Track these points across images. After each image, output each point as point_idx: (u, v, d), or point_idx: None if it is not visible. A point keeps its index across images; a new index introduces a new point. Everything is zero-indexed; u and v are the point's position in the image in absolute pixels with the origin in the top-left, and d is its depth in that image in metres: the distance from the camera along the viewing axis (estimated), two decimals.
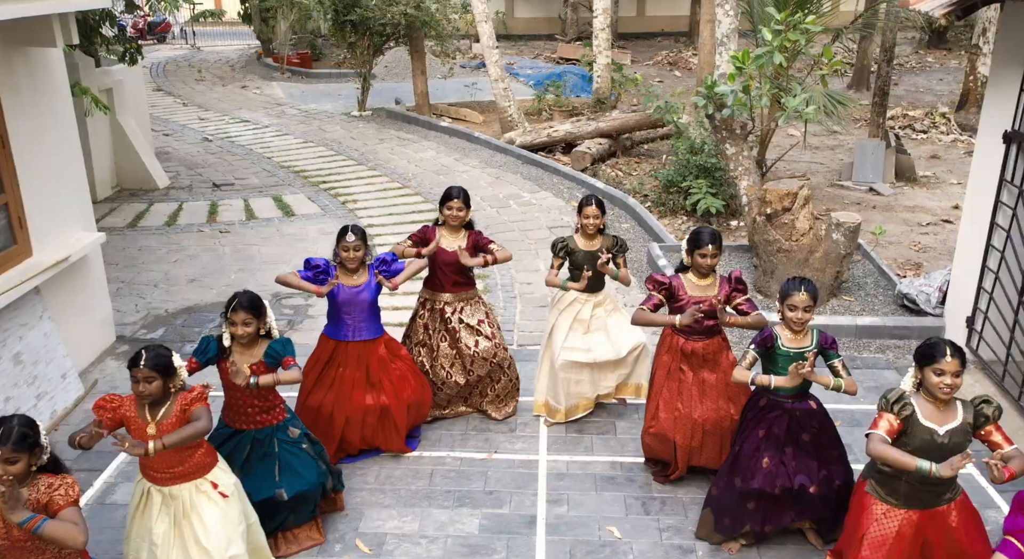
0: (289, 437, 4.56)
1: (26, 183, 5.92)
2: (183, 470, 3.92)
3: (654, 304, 5.01)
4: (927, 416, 3.69)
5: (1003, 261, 6.20)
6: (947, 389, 3.61)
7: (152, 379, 3.70)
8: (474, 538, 4.82)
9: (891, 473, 3.81)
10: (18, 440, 3.19)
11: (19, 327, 5.77)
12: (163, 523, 3.93)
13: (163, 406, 3.84)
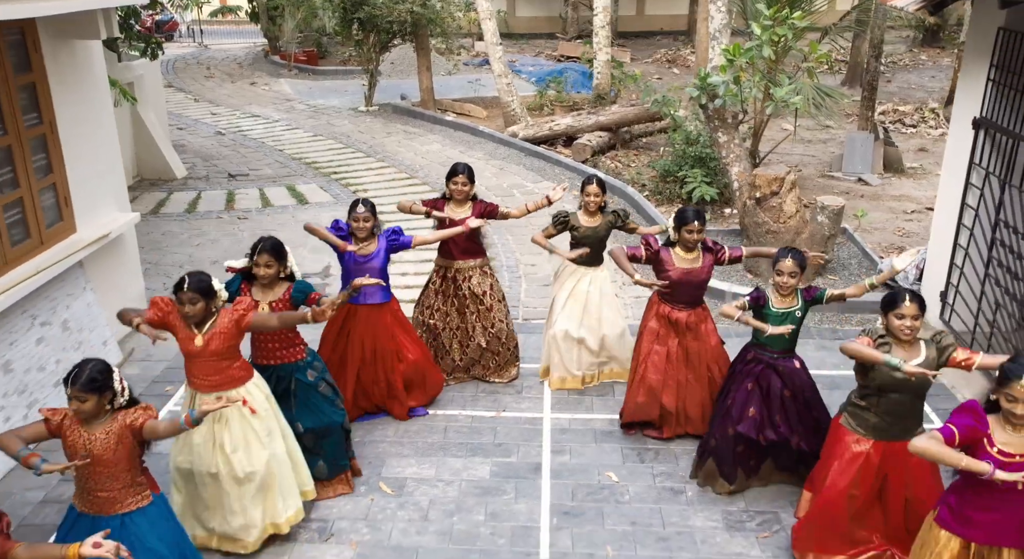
0: (307, 379, 5.04)
1: (71, 165, 6.42)
2: (220, 380, 4.42)
3: (632, 254, 5.44)
4: (894, 355, 4.19)
5: (972, 238, 6.70)
6: (908, 330, 4.10)
7: (196, 300, 4.21)
8: (486, 481, 5.33)
9: (864, 406, 4.32)
10: (86, 382, 3.64)
11: (66, 297, 6.28)
12: (200, 431, 4.42)
13: (207, 323, 4.34)
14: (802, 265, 4.87)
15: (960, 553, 3.62)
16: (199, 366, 4.39)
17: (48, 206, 6.22)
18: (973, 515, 3.56)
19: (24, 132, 5.87)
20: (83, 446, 3.66)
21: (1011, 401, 3.37)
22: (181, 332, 4.37)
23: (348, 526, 4.92)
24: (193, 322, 4.35)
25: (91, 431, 3.67)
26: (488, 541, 4.80)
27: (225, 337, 4.35)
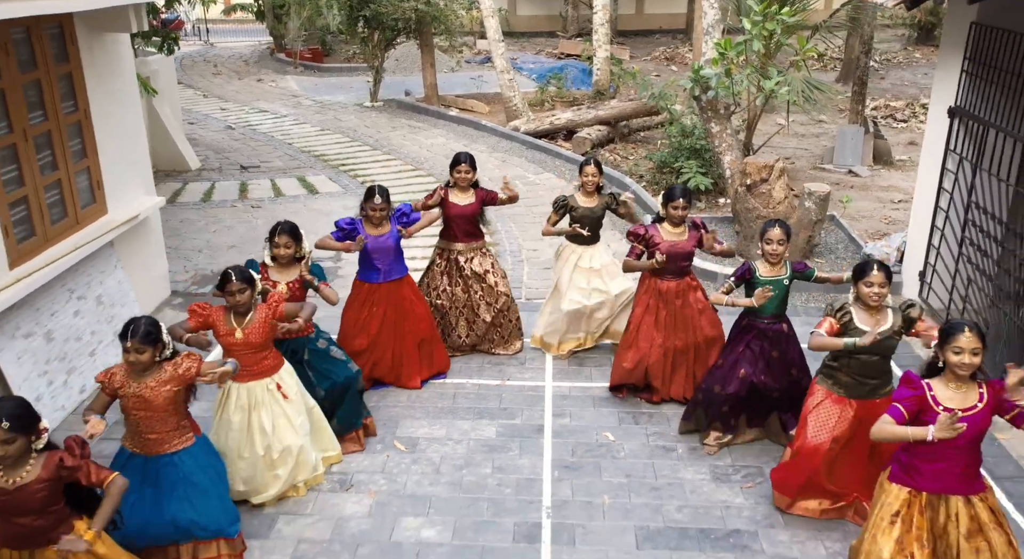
0: (318, 347, 5.49)
1: (102, 151, 6.86)
2: (257, 369, 4.86)
3: (636, 253, 5.95)
4: (862, 320, 4.62)
5: (947, 220, 7.13)
6: (875, 297, 4.54)
7: (244, 289, 4.64)
8: (492, 441, 5.77)
9: (836, 367, 4.75)
10: (144, 335, 4.08)
11: (99, 274, 6.72)
12: (239, 414, 4.86)
13: (247, 316, 4.77)
14: (788, 234, 5.31)
15: (910, 502, 4.01)
16: (238, 358, 4.78)
17: (83, 188, 6.66)
18: (921, 466, 3.93)
19: (63, 118, 6.31)
20: (134, 397, 4.09)
21: (958, 353, 3.75)
22: (222, 328, 4.77)
23: (367, 478, 5.36)
24: (240, 312, 4.74)
25: (142, 381, 4.10)
26: (495, 491, 5.24)
27: (262, 331, 4.78)
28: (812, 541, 4.80)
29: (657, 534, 4.86)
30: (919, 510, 3.94)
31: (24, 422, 3.45)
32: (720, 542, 4.80)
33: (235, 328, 4.75)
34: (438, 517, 4.99)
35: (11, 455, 3.43)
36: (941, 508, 3.94)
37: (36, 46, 5.97)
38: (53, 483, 3.53)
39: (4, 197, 5.65)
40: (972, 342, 3.73)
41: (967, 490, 3.91)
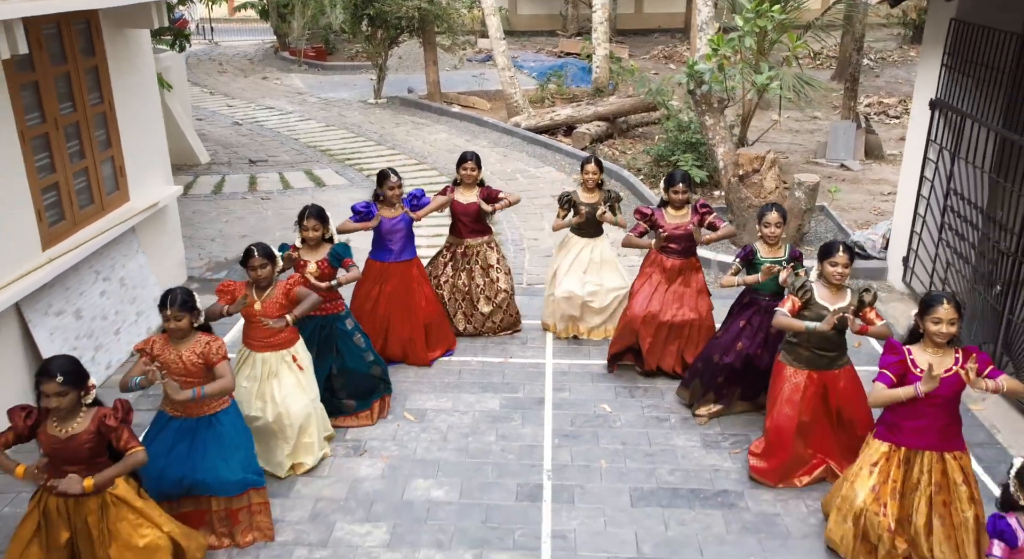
0: (347, 327, 5.85)
1: (125, 141, 7.22)
2: (274, 341, 5.20)
3: (640, 232, 6.34)
4: (822, 297, 4.97)
5: (928, 208, 7.49)
6: (838, 276, 4.89)
7: (265, 265, 5.00)
8: (496, 412, 6.13)
9: (796, 343, 5.10)
10: (181, 303, 4.43)
11: (122, 257, 7.07)
12: (248, 383, 5.19)
13: (267, 290, 5.13)
14: (784, 216, 5.67)
15: (889, 455, 4.38)
16: (256, 329, 5.13)
17: (107, 177, 7.01)
18: (903, 423, 4.30)
19: (89, 109, 6.66)
20: (176, 362, 4.45)
21: (936, 323, 4.11)
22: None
23: (379, 445, 5.72)
24: (262, 286, 5.10)
25: (179, 350, 4.45)
26: (499, 456, 5.60)
27: (278, 305, 5.13)
28: (794, 500, 5.16)
29: (650, 494, 5.21)
30: (896, 464, 4.31)
31: (75, 377, 3.81)
32: (709, 501, 5.16)
33: (255, 299, 5.10)
34: (446, 479, 5.35)
35: (63, 407, 3.78)
36: (916, 463, 4.31)
37: (66, 41, 6.33)
38: (98, 436, 3.89)
39: (37, 182, 6.00)
40: (950, 313, 4.10)
41: (944, 447, 4.27)
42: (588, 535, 4.85)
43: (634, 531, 4.88)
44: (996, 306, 6.22)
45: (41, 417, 3.89)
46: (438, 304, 6.83)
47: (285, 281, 5.19)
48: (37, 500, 3.99)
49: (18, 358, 5.80)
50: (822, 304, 4.93)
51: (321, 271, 5.65)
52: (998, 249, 6.28)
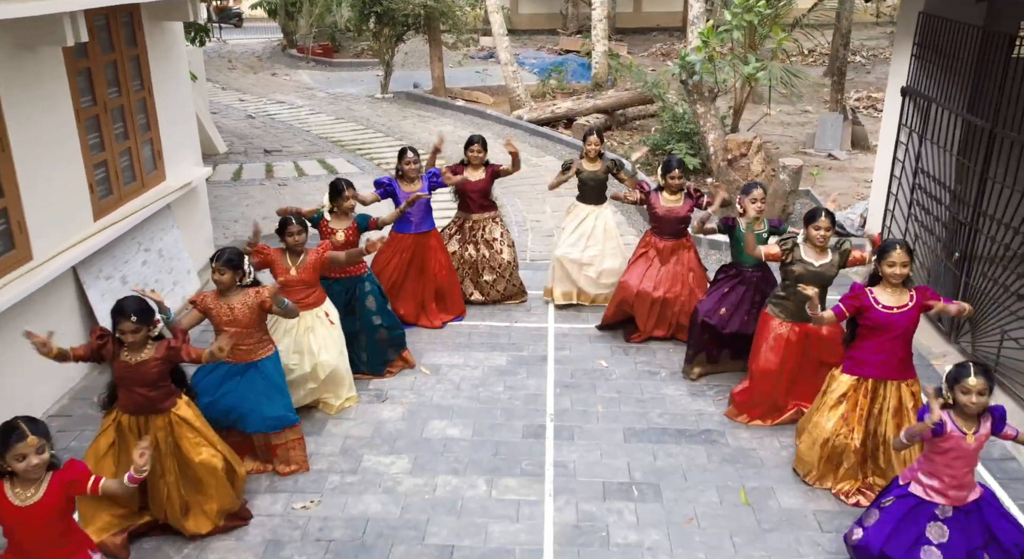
0: (365, 288, 6.50)
1: (162, 125, 7.86)
2: (308, 301, 5.85)
3: (631, 200, 7.00)
4: (807, 255, 5.62)
5: (900, 187, 8.13)
6: (820, 239, 5.53)
7: (301, 232, 5.66)
8: (503, 367, 6.78)
9: (784, 296, 5.74)
10: (225, 261, 5.05)
11: (160, 231, 7.72)
12: (287, 338, 5.85)
13: (300, 257, 5.77)
14: (765, 192, 6.31)
15: (856, 387, 5.04)
16: (291, 292, 5.74)
17: (147, 157, 7.66)
18: (866, 357, 4.97)
19: (132, 95, 7.31)
20: (227, 313, 5.08)
21: (891, 266, 4.78)
22: (278, 266, 5.78)
23: (398, 394, 6.37)
24: (296, 252, 5.75)
25: (230, 303, 5.08)
26: (507, 403, 6.25)
27: (311, 270, 5.78)
28: (768, 438, 5.81)
29: (641, 433, 5.86)
30: (864, 393, 4.98)
31: (145, 316, 4.44)
32: (693, 438, 5.81)
33: (290, 266, 5.75)
34: (460, 420, 6.01)
35: (136, 342, 4.42)
36: (880, 393, 4.96)
37: (113, 31, 6.97)
38: (164, 362, 4.51)
39: (90, 159, 6.65)
40: (902, 256, 4.77)
41: (901, 376, 4.95)
42: (586, 465, 5.50)
43: (627, 461, 5.53)
44: (955, 271, 6.86)
45: (114, 347, 4.50)
46: (453, 273, 7.48)
47: (315, 248, 5.84)
48: (113, 419, 4.62)
49: (75, 314, 6.46)
50: (807, 260, 5.57)
51: (347, 238, 6.30)
52: (957, 220, 6.93)
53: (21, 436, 3.34)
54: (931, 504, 4.10)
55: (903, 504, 4.14)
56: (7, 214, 5.70)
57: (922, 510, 4.08)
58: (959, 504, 4.03)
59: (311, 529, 4.87)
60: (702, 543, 4.77)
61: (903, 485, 4.22)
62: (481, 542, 4.77)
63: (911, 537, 4.08)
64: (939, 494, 4.07)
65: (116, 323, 4.39)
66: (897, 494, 4.20)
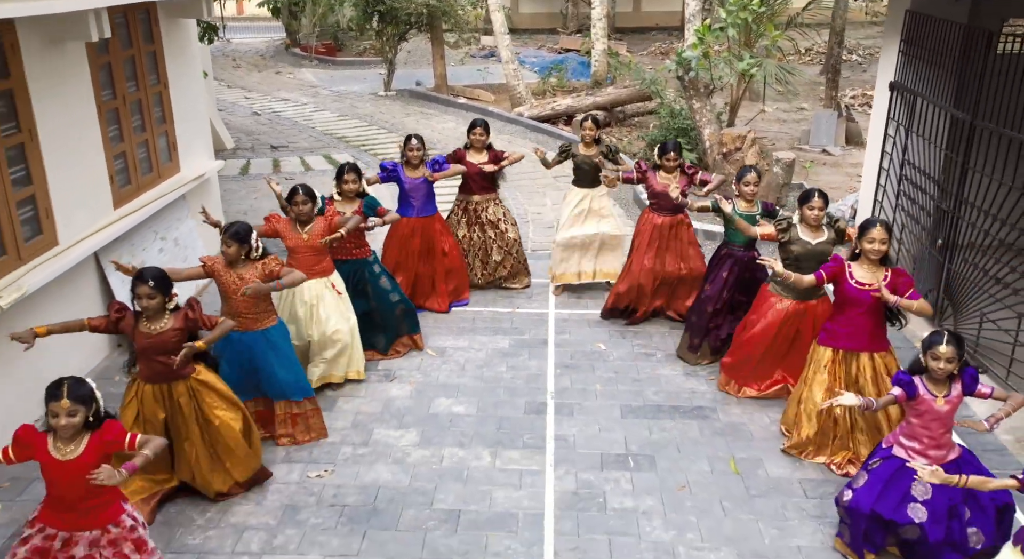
0: (374, 270, 6.80)
1: (177, 119, 8.16)
2: (318, 269, 6.16)
3: (627, 177, 7.33)
4: (804, 233, 5.90)
5: (888, 178, 8.44)
6: (814, 218, 5.83)
7: (307, 202, 5.96)
8: (506, 349, 7.09)
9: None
10: (232, 234, 5.26)
11: (175, 221, 8.02)
12: (303, 308, 6.15)
13: (308, 225, 6.08)
14: (760, 176, 6.62)
15: (833, 358, 5.36)
16: (301, 260, 6.07)
17: (163, 149, 7.96)
18: (837, 329, 5.31)
19: (149, 89, 7.62)
20: (234, 283, 5.38)
21: (870, 243, 5.10)
22: (289, 234, 6.10)
23: (406, 373, 6.67)
24: (303, 221, 6.06)
25: (240, 273, 5.38)
26: (510, 382, 6.55)
27: (322, 233, 6.09)
28: (758, 413, 6.11)
29: (638, 409, 6.17)
30: (839, 364, 5.29)
31: (162, 284, 4.71)
32: (686, 414, 6.11)
33: (300, 232, 6.07)
34: (465, 398, 6.31)
35: (152, 308, 4.67)
36: (853, 362, 5.30)
37: (131, 28, 7.28)
38: (182, 332, 4.79)
39: (110, 150, 6.95)
40: (881, 234, 5.10)
41: (873, 348, 5.26)
42: (585, 438, 5.80)
43: (623, 435, 5.83)
44: (939, 257, 7.16)
45: (133, 320, 4.78)
46: (460, 256, 7.77)
47: (323, 216, 6.14)
48: (135, 391, 4.90)
49: (97, 298, 6.77)
50: (804, 239, 5.88)
51: None
52: (940, 209, 7.23)
53: (56, 396, 3.64)
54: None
55: (889, 465, 4.44)
56: (35, 201, 6.00)
57: (907, 470, 4.37)
58: (939, 463, 4.33)
59: (326, 495, 5.17)
60: (693, 507, 5.07)
61: (886, 448, 4.51)
62: (486, 507, 5.07)
63: (898, 495, 4.38)
64: (920, 455, 4.37)
65: (134, 287, 4.65)
66: (882, 456, 4.49)
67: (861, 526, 4.43)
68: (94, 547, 3.76)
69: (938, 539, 4.27)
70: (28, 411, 5.86)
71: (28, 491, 5.19)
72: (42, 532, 3.74)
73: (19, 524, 4.84)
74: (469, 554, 4.67)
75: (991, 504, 4.36)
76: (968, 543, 4.33)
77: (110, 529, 3.81)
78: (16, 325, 5.65)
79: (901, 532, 4.39)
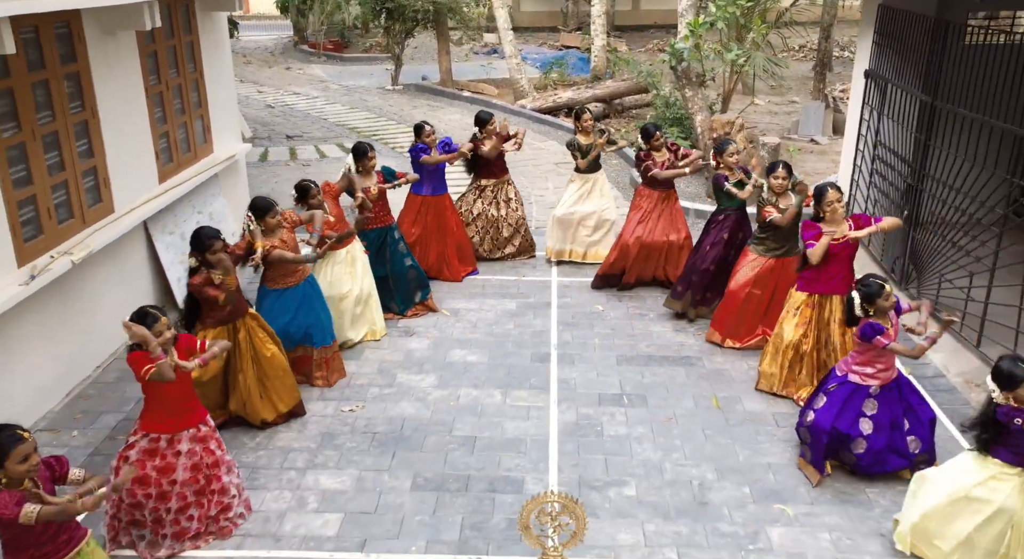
0: (396, 236, 7.56)
1: (211, 104, 8.91)
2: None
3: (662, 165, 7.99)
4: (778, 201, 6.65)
5: (863, 159, 9.18)
6: (779, 187, 6.58)
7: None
8: (513, 310, 7.83)
9: (764, 237, 6.77)
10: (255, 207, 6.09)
11: (210, 196, 8.76)
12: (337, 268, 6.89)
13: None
14: (739, 148, 7.36)
15: (808, 302, 6.11)
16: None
17: (199, 131, 8.70)
18: (816, 276, 6.05)
19: (187, 76, 8.36)
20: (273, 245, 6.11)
21: (830, 205, 5.86)
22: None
23: (423, 330, 7.42)
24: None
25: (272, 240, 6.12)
26: (517, 337, 7.30)
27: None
28: (739, 361, 6.86)
29: (632, 358, 6.91)
30: (811, 306, 6.06)
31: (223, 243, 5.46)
32: (675, 362, 6.86)
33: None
34: (477, 349, 7.05)
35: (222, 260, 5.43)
36: (826, 305, 6.05)
37: (173, 20, 8.02)
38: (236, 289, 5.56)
39: (156, 129, 7.69)
40: (835, 195, 5.90)
41: (844, 291, 6.01)
42: (584, 381, 6.55)
43: (618, 379, 6.58)
44: (905, 226, 7.90)
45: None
46: (465, 232, 8.53)
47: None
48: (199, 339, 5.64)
49: (145, 262, 7.52)
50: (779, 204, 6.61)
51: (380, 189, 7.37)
52: (906, 182, 7.97)
53: (155, 318, 4.39)
54: (866, 387, 5.14)
55: (844, 389, 5.18)
56: (96, 172, 6.74)
57: (859, 392, 5.13)
58: (886, 383, 5.09)
59: (358, 425, 5.92)
60: (678, 434, 5.82)
61: (841, 375, 5.24)
62: (498, 434, 5.82)
63: (853, 414, 5.13)
64: (872, 378, 5.12)
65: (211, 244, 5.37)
66: (838, 382, 5.23)
67: (823, 441, 5.16)
68: (193, 442, 4.53)
69: (881, 446, 5.03)
70: (89, 358, 6.64)
71: (98, 422, 5.94)
72: (147, 437, 4.50)
73: (95, 446, 5.62)
74: (485, 469, 5.42)
75: (925, 416, 5.13)
76: (908, 449, 5.09)
77: (200, 427, 4.58)
78: (81, 280, 6.42)
79: (853, 446, 5.13)
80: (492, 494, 5.17)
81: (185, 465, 4.55)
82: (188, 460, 4.56)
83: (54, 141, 6.20)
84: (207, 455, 4.62)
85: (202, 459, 4.60)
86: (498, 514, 4.98)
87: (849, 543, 4.77)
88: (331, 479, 5.32)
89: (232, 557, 4.66)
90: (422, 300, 7.79)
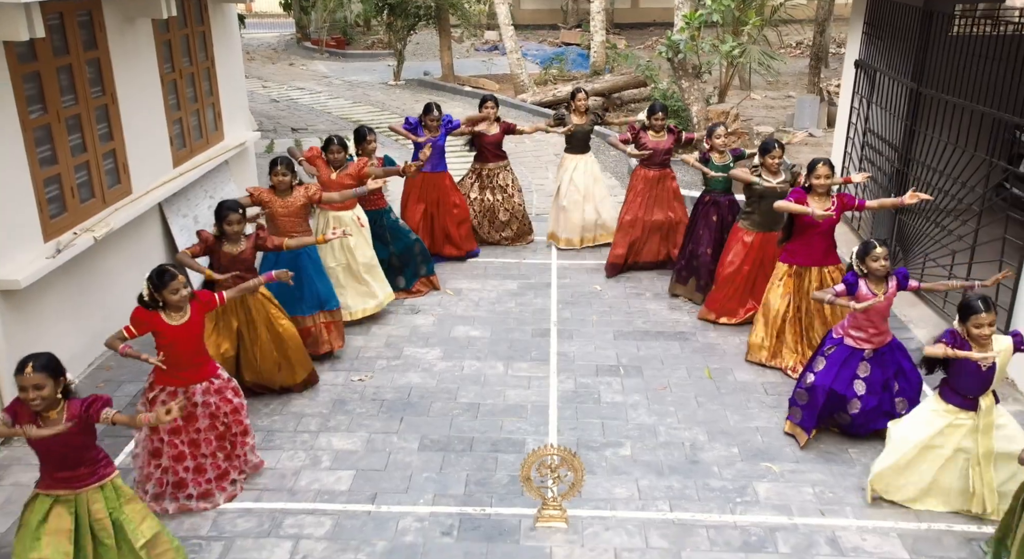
0: (391, 218, 7.86)
1: (222, 91, 9.21)
2: (343, 205, 7.19)
3: (623, 138, 8.32)
4: (765, 176, 6.95)
5: (853, 145, 9.47)
6: (773, 166, 6.88)
7: (340, 151, 7.04)
8: (514, 289, 8.13)
9: (750, 211, 7.07)
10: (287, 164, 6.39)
11: (220, 182, 9.06)
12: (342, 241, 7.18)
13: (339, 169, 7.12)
14: (729, 132, 7.66)
15: (787, 272, 6.43)
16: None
17: (210, 119, 8.99)
18: (797, 249, 6.37)
19: (199, 65, 8.66)
20: (281, 206, 6.40)
21: (817, 178, 6.17)
22: (323, 170, 7.17)
23: (428, 308, 7.72)
24: (336, 165, 7.11)
25: (284, 199, 6.41)
26: (518, 314, 7.60)
27: (349, 177, 7.13)
28: (731, 336, 7.15)
29: (628, 334, 7.21)
30: (791, 275, 6.36)
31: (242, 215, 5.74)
32: (670, 337, 7.16)
33: (332, 171, 7.12)
34: (480, 325, 7.35)
35: (239, 232, 5.72)
36: (806, 275, 6.35)
37: (186, 10, 8.31)
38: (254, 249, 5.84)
39: (171, 116, 7.99)
40: (825, 170, 6.22)
41: (824, 262, 6.31)
42: (582, 354, 6.84)
43: (615, 352, 6.88)
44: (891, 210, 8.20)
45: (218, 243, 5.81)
46: (467, 209, 8.82)
47: (355, 162, 7.17)
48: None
49: (160, 242, 7.82)
50: (769, 181, 6.91)
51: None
52: (893, 166, 8.27)
53: (173, 276, 4.69)
54: (860, 350, 5.44)
55: (841, 352, 5.48)
56: (115, 155, 7.04)
57: (855, 355, 5.43)
58: (880, 346, 5.40)
59: (367, 393, 6.22)
60: (672, 402, 6.12)
61: (837, 338, 5.54)
62: (501, 401, 6.12)
63: (849, 375, 5.44)
64: (865, 342, 5.42)
65: (225, 217, 5.67)
66: (834, 344, 5.52)
67: (820, 400, 5.45)
68: (207, 395, 4.83)
69: (872, 406, 5.34)
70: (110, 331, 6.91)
71: (119, 391, 6.24)
72: (164, 390, 4.80)
73: (120, 406, 5.91)
74: (488, 432, 5.72)
75: (916, 378, 5.43)
76: (896, 410, 5.40)
77: (213, 380, 4.88)
78: (103, 257, 6.72)
79: (849, 407, 5.44)
80: (495, 454, 5.47)
81: (203, 414, 4.87)
82: (205, 410, 4.87)
83: (76, 124, 6.50)
84: (224, 404, 4.95)
85: (219, 408, 4.93)
86: (501, 471, 5.28)
87: (831, 496, 5.07)
88: (343, 441, 5.62)
89: (251, 508, 4.95)
90: (428, 274, 8.08)
